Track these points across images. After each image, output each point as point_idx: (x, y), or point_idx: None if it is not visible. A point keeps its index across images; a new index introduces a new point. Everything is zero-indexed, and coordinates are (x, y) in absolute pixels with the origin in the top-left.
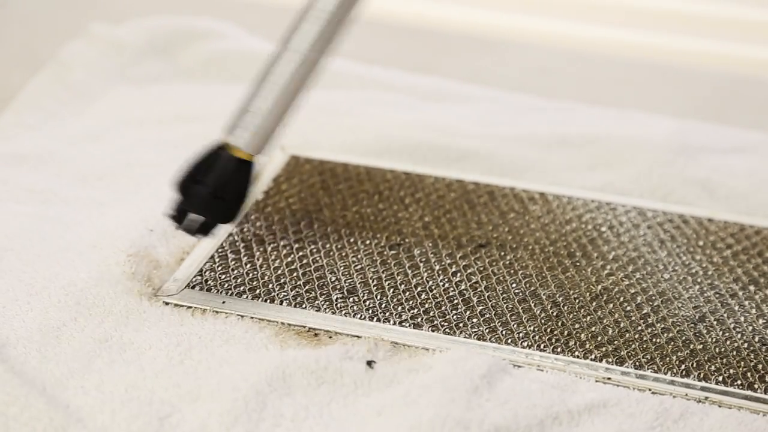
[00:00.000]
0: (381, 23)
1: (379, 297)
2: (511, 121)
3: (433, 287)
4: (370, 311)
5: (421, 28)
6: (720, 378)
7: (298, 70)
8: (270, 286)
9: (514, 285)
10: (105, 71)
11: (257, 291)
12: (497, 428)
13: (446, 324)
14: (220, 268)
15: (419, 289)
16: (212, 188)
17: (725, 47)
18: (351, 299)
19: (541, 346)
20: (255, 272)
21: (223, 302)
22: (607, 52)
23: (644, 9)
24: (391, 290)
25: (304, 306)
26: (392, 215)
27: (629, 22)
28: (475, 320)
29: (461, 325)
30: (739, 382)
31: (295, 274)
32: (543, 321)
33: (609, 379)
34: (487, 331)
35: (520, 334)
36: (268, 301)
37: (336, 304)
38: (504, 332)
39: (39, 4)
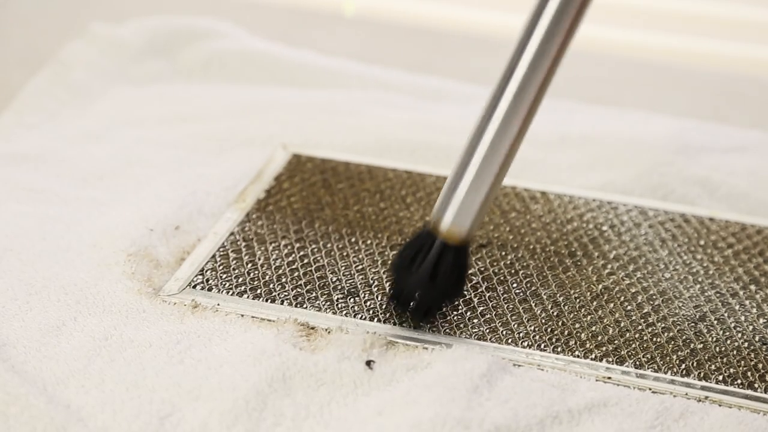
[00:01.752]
0: (381, 23)
1: (380, 297)
2: None
3: None
4: (371, 311)
5: (421, 28)
6: (720, 377)
7: (501, 145)
8: (271, 285)
9: (514, 285)
10: (105, 71)
11: (258, 290)
12: (497, 427)
13: (447, 324)
14: (221, 267)
15: None
16: (427, 274)
17: (725, 47)
18: (352, 299)
19: (542, 346)
20: (256, 271)
21: (223, 302)
22: (607, 52)
23: (644, 9)
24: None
25: (304, 306)
26: (393, 214)
27: (629, 22)
28: (475, 320)
29: (462, 325)
30: (739, 381)
31: (296, 274)
32: (543, 320)
33: (609, 378)
34: (487, 330)
35: (521, 334)
36: (269, 300)
37: (337, 304)
38: (504, 332)
39: (39, 4)
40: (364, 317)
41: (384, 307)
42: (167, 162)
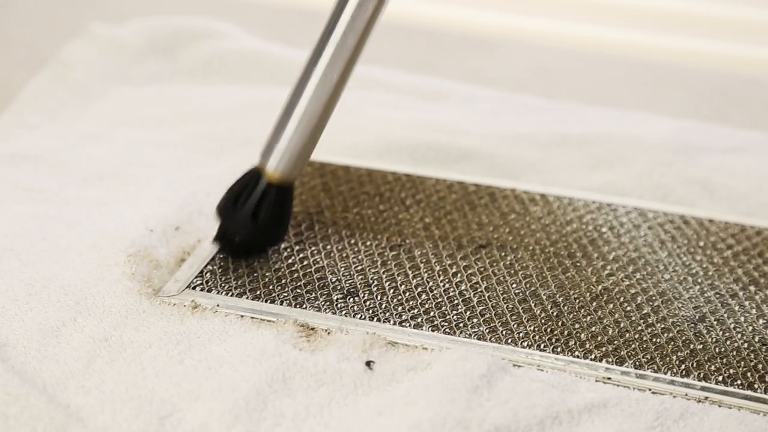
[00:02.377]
0: (381, 23)
1: (379, 297)
2: (511, 121)
3: (433, 288)
4: (371, 311)
5: (421, 28)
6: (720, 378)
7: (322, 92)
8: (270, 286)
9: (514, 285)
10: (105, 71)
11: (257, 291)
12: (497, 428)
13: (446, 324)
14: (220, 268)
15: (419, 289)
16: (250, 212)
17: (725, 47)
18: (351, 299)
19: (541, 346)
20: (255, 273)
21: (223, 302)
22: (607, 52)
23: (644, 9)
24: (392, 291)
25: (304, 306)
26: (393, 216)
27: (629, 22)
28: (475, 320)
29: (461, 325)
30: (739, 381)
31: (295, 275)
32: (543, 321)
33: (609, 378)
34: (487, 331)
35: (520, 334)
36: (269, 301)
37: (336, 305)
38: (504, 332)
39: (39, 4)
40: (363, 317)
41: (383, 307)
42: (167, 162)
